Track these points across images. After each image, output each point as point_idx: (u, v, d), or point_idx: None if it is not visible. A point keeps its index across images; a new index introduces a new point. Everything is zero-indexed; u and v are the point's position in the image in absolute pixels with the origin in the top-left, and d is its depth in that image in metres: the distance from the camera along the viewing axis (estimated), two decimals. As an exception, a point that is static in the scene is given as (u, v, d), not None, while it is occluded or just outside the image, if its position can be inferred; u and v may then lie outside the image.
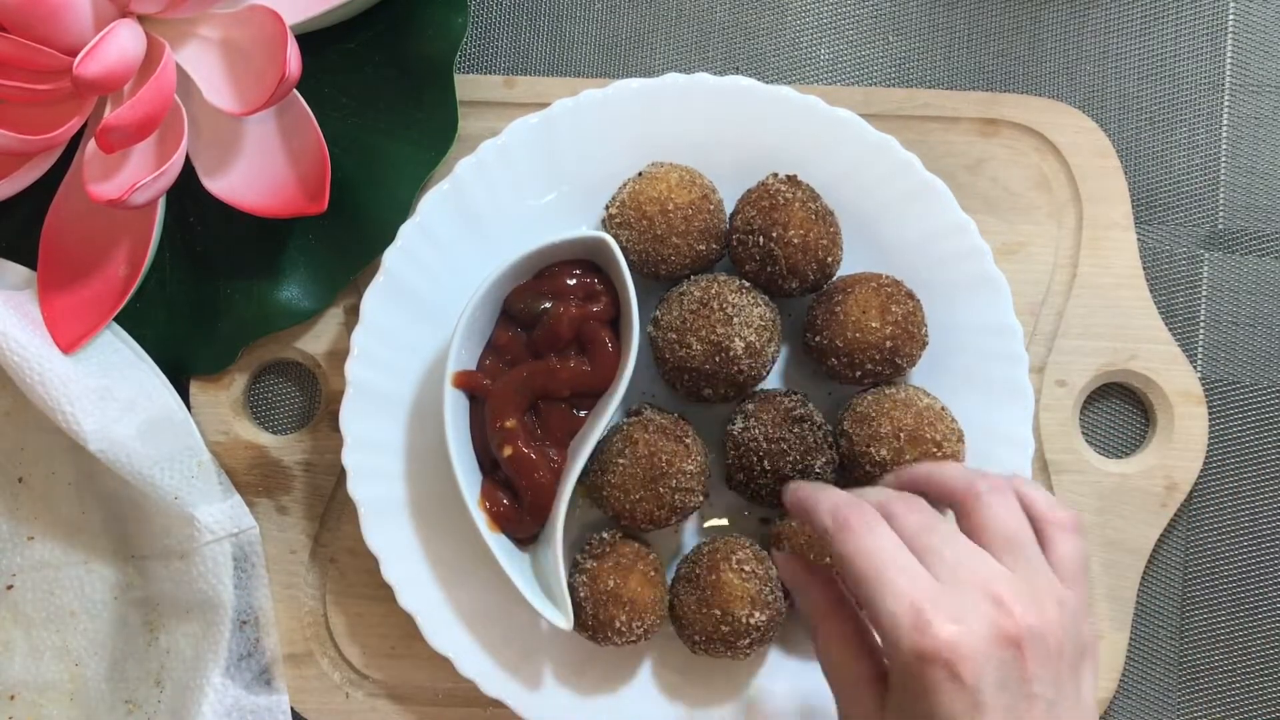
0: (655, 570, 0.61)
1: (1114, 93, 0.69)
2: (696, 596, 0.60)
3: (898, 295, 0.61)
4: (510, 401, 0.61)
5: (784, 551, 0.61)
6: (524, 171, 0.64)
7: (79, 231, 0.63)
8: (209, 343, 0.66)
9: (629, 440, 0.60)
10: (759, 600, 0.60)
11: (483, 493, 0.61)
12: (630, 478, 0.60)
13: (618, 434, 0.61)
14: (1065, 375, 0.67)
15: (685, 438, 0.60)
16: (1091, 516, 0.66)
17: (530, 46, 0.69)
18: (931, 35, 0.70)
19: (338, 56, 0.65)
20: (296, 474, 0.67)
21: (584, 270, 0.62)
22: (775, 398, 0.61)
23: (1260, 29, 0.69)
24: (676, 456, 0.60)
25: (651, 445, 0.60)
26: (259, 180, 0.62)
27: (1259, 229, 0.69)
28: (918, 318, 0.61)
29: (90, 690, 0.66)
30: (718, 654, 0.60)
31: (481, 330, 0.62)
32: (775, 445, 0.60)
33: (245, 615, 0.65)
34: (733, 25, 0.69)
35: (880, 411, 0.60)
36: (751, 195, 0.62)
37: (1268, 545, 0.68)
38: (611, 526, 0.62)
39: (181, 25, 0.61)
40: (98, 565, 0.66)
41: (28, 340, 0.61)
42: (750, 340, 0.59)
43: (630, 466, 0.60)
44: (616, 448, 0.60)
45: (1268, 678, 0.68)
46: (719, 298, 0.59)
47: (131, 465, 0.62)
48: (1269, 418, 0.68)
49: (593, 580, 0.60)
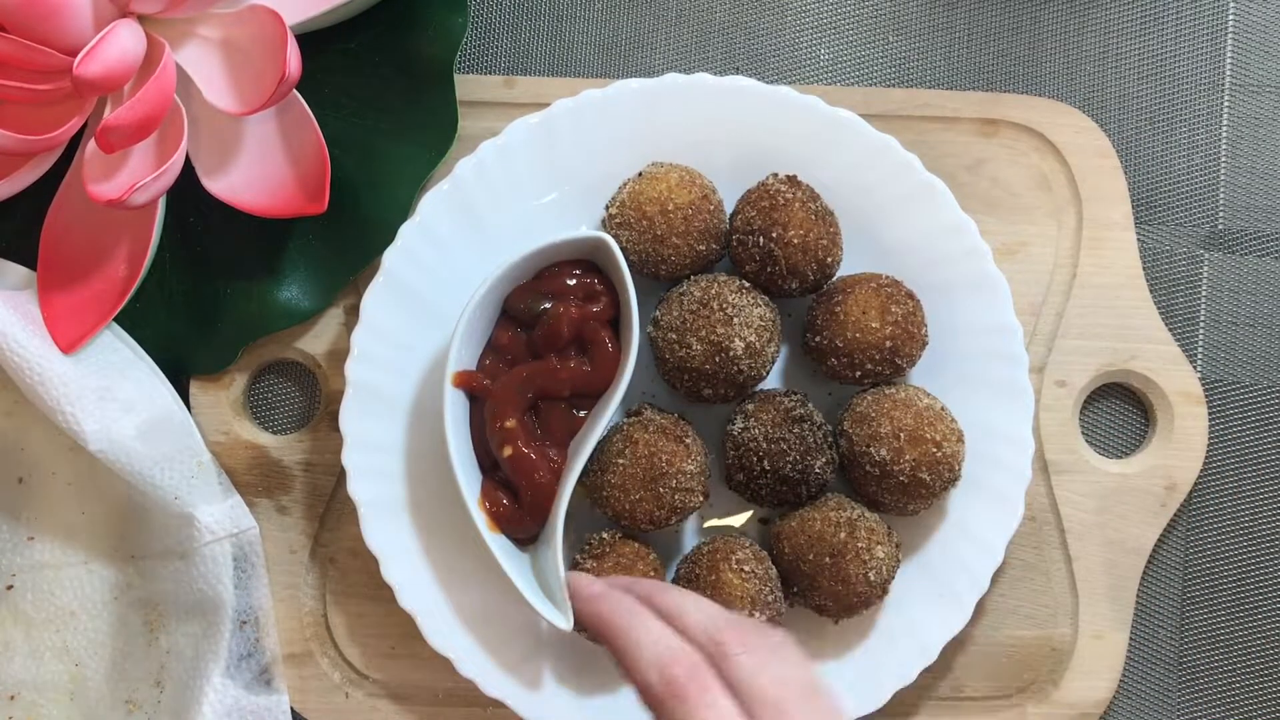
0: (655, 570, 0.61)
1: (1114, 93, 0.69)
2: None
3: (898, 295, 0.61)
4: (510, 401, 0.61)
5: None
6: (524, 171, 0.64)
7: (79, 231, 0.63)
8: (209, 343, 0.66)
9: (629, 440, 0.60)
10: (759, 600, 0.60)
11: (483, 493, 0.61)
12: (630, 478, 0.60)
13: (618, 434, 0.61)
14: (1065, 375, 0.67)
15: (685, 438, 0.60)
16: (1091, 516, 0.66)
17: (530, 46, 0.69)
18: (931, 35, 0.70)
19: (338, 56, 0.65)
20: (296, 474, 0.67)
21: (584, 270, 0.62)
22: (775, 398, 0.61)
23: (1260, 29, 0.69)
24: (676, 457, 0.60)
25: (651, 445, 0.60)
26: (259, 180, 0.62)
27: (1259, 229, 0.69)
28: (918, 318, 0.61)
29: (90, 690, 0.66)
30: None
31: (482, 330, 0.62)
32: (775, 445, 0.60)
33: (245, 615, 0.65)
34: (733, 25, 0.69)
35: (880, 411, 0.60)
36: (751, 195, 0.62)
37: (1268, 545, 0.68)
38: (611, 526, 0.62)
39: (181, 25, 0.61)
40: (98, 565, 0.66)
41: (28, 340, 0.61)
42: (750, 340, 0.59)
43: (630, 467, 0.60)
44: (616, 448, 0.60)
45: (1268, 678, 0.68)
46: (719, 298, 0.59)
47: (131, 465, 0.62)
48: (1269, 418, 0.68)
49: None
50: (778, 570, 0.61)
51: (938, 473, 0.60)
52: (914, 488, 0.60)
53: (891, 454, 0.59)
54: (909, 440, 0.59)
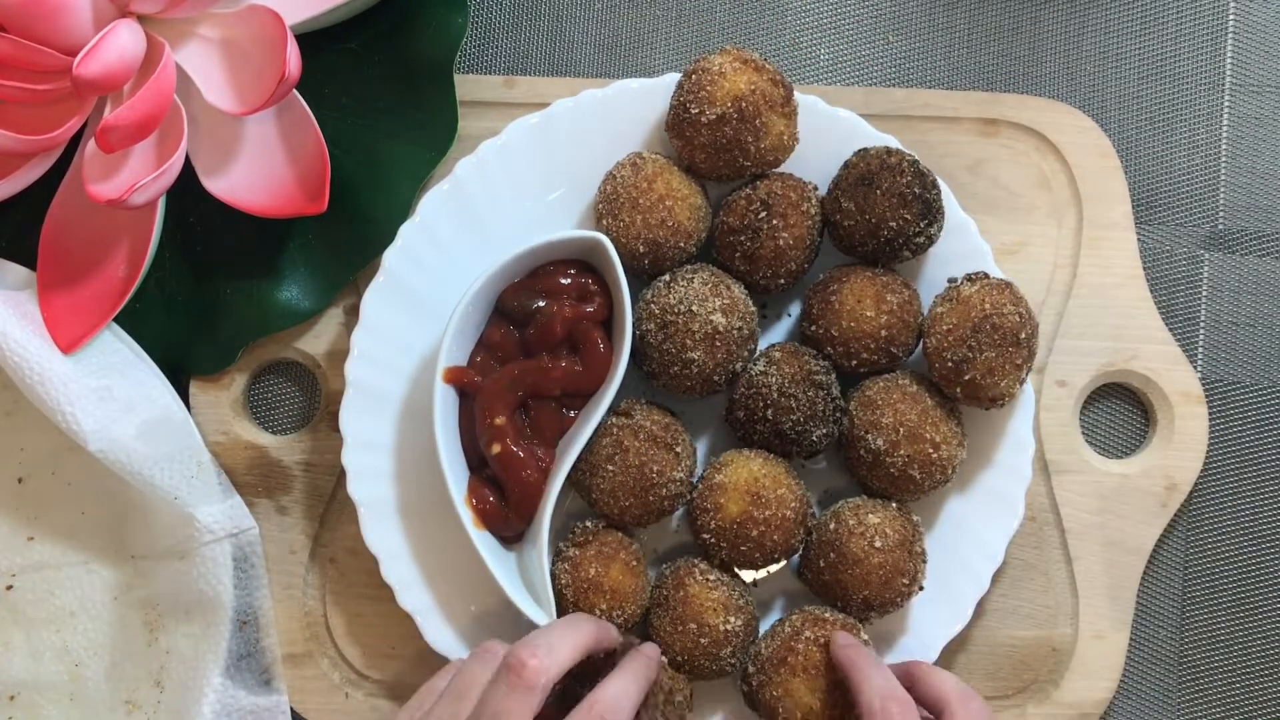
0: (637, 560, 0.61)
1: (1114, 93, 0.69)
2: (670, 616, 0.60)
3: (893, 285, 0.61)
4: (500, 398, 0.60)
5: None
6: (524, 171, 0.64)
7: (79, 231, 0.63)
8: (209, 343, 0.66)
9: (619, 446, 0.60)
10: (730, 605, 0.60)
11: (470, 489, 0.61)
12: (620, 485, 0.60)
13: (607, 436, 0.61)
14: (1065, 375, 0.67)
15: (676, 445, 0.60)
16: (1091, 516, 0.66)
17: (530, 46, 0.69)
18: (931, 35, 0.70)
19: (338, 56, 0.65)
20: (296, 474, 0.67)
21: (579, 270, 0.62)
22: (802, 355, 0.61)
23: (1260, 29, 0.69)
24: (667, 466, 0.60)
25: (642, 454, 0.59)
26: (259, 180, 0.62)
27: (1259, 229, 0.69)
28: (914, 307, 0.61)
29: (90, 690, 0.66)
30: (703, 672, 0.61)
31: (474, 327, 0.62)
32: (785, 400, 0.59)
33: (245, 615, 0.65)
34: (733, 25, 0.69)
35: (887, 401, 0.60)
36: (740, 191, 0.62)
37: (1268, 545, 0.68)
38: (596, 516, 0.62)
39: (181, 25, 0.61)
40: (98, 565, 0.66)
41: (28, 340, 0.61)
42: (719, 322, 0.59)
43: (620, 474, 0.60)
44: (606, 452, 0.60)
45: (1268, 678, 0.68)
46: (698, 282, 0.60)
47: (131, 465, 0.62)
48: (1269, 418, 0.68)
49: (574, 568, 0.60)
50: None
51: (929, 472, 0.60)
52: (903, 482, 0.60)
53: (887, 445, 0.59)
54: (907, 436, 0.59)
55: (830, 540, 0.60)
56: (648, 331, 0.60)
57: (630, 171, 0.61)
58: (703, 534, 0.60)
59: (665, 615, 0.61)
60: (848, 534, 0.60)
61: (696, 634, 0.59)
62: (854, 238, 0.61)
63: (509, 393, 0.61)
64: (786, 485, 0.60)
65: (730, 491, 0.59)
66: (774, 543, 0.59)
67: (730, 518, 0.59)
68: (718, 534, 0.60)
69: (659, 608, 0.61)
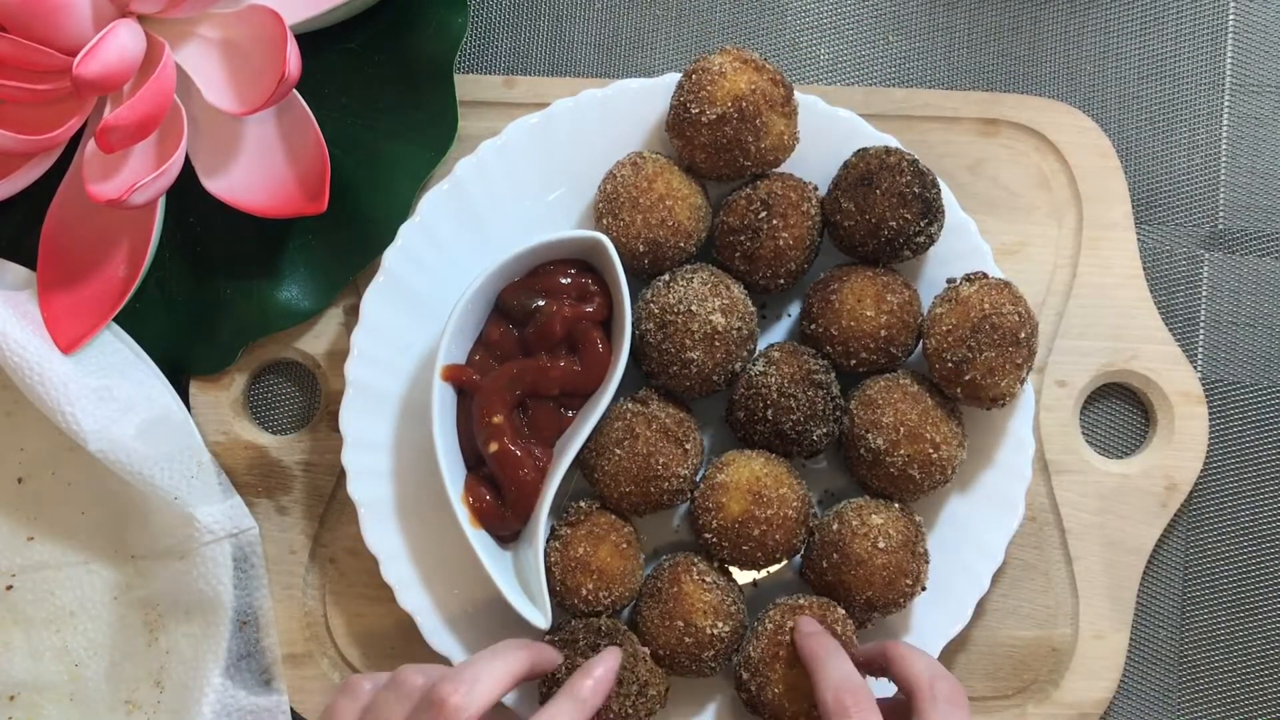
0: (629, 543, 0.61)
1: (1114, 93, 0.69)
2: (659, 610, 0.60)
3: (893, 285, 0.61)
4: (499, 397, 0.60)
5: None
6: (524, 171, 0.64)
7: (79, 231, 0.63)
8: (209, 343, 0.66)
9: (630, 433, 0.60)
10: (721, 610, 0.60)
11: (467, 488, 0.61)
12: (624, 471, 0.60)
13: (620, 420, 0.61)
14: (1065, 375, 0.67)
15: (686, 441, 0.60)
16: (1091, 516, 0.66)
17: (530, 46, 0.69)
18: (931, 35, 0.70)
19: (338, 56, 0.65)
20: (296, 474, 0.67)
21: (579, 270, 0.62)
22: (801, 355, 0.61)
23: (1260, 29, 0.69)
24: (674, 461, 0.60)
25: (651, 444, 0.59)
26: (259, 180, 0.62)
27: (1259, 229, 0.69)
28: (913, 307, 0.61)
29: (90, 690, 0.66)
30: (683, 670, 0.61)
31: (474, 325, 0.62)
32: (785, 400, 0.60)
33: (245, 615, 0.65)
34: (733, 25, 0.69)
35: (888, 401, 0.60)
36: (740, 191, 0.62)
37: (1268, 545, 0.68)
38: (592, 496, 0.62)
39: (181, 25, 0.61)
40: (98, 565, 0.66)
41: (28, 340, 0.61)
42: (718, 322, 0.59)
43: (626, 460, 0.60)
44: (617, 435, 0.60)
45: (1268, 678, 0.68)
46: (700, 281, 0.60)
47: (131, 465, 0.62)
48: (1269, 418, 0.68)
49: (564, 547, 0.60)
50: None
51: (928, 473, 0.60)
52: (902, 481, 0.60)
53: (887, 445, 0.59)
54: (907, 436, 0.59)
55: (833, 541, 0.60)
56: (647, 331, 0.60)
57: (630, 171, 0.61)
58: (704, 533, 0.60)
59: (655, 607, 0.61)
60: (851, 535, 0.60)
61: (682, 632, 0.59)
62: (854, 237, 0.61)
63: (507, 391, 0.61)
64: (788, 485, 0.60)
65: (732, 491, 0.59)
66: (776, 542, 0.59)
67: (732, 517, 0.59)
68: (719, 533, 0.60)
69: (650, 598, 0.61)
